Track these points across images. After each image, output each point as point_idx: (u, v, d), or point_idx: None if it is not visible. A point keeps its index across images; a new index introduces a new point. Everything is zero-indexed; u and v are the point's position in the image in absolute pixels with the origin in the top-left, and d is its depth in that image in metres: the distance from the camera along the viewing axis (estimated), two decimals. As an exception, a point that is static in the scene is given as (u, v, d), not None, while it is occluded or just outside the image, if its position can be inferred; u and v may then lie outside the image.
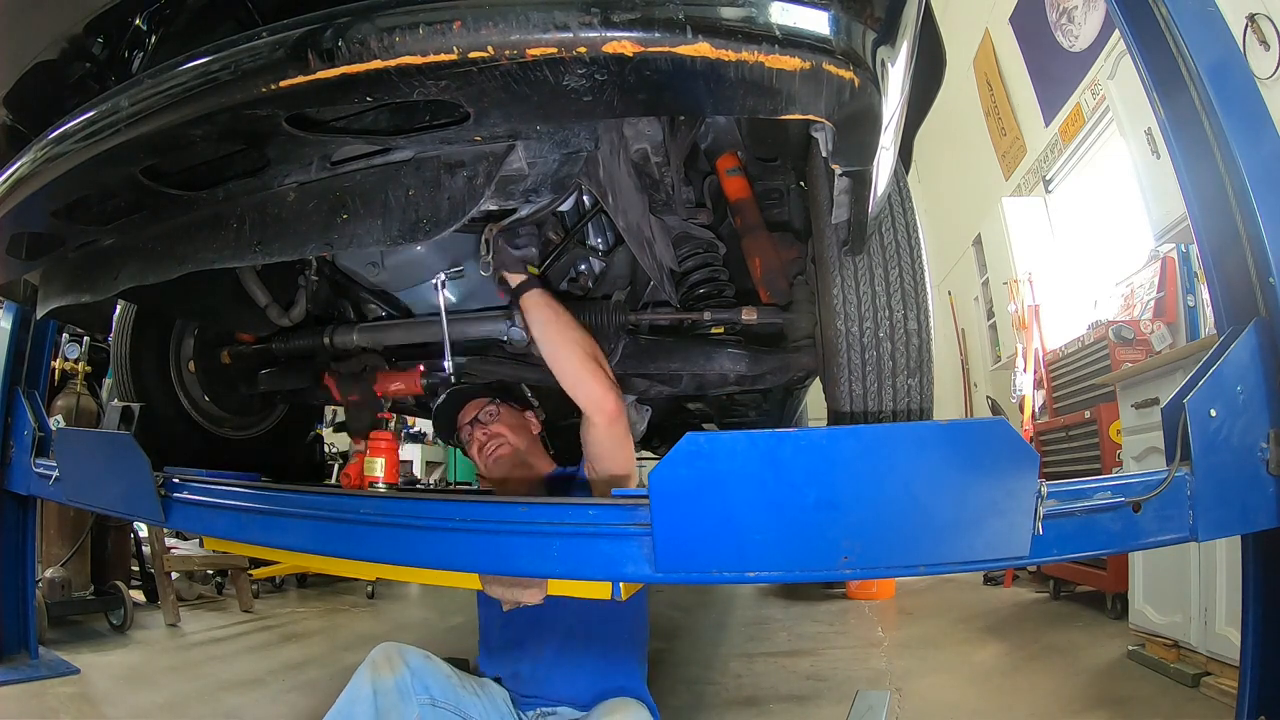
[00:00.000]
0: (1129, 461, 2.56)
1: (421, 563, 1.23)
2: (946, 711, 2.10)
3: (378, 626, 3.47)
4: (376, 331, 1.75)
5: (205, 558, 3.45)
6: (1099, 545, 1.07)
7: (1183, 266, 3.43)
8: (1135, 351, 3.30)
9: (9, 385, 2.21)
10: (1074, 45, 4.51)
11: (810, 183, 1.39)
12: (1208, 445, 1.10)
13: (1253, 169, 1.22)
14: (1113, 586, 2.97)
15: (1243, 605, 1.37)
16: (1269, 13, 2.59)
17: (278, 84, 0.80)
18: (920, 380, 1.23)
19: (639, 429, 2.45)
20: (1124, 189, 3.92)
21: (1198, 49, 1.30)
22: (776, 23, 0.72)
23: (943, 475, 0.99)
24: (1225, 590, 2.02)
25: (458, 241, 1.51)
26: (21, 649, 2.32)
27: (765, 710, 2.12)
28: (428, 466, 7.07)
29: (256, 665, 2.61)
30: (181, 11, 1.09)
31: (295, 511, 1.35)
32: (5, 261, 1.36)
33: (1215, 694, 1.99)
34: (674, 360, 1.65)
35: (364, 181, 1.08)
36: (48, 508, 2.75)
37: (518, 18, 0.71)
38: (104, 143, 0.95)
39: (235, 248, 1.13)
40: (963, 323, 6.87)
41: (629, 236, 1.31)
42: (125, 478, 1.59)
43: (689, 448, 1.00)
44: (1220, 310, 1.32)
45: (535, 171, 1.06)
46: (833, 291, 1.25)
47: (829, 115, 0.80)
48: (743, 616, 3.58)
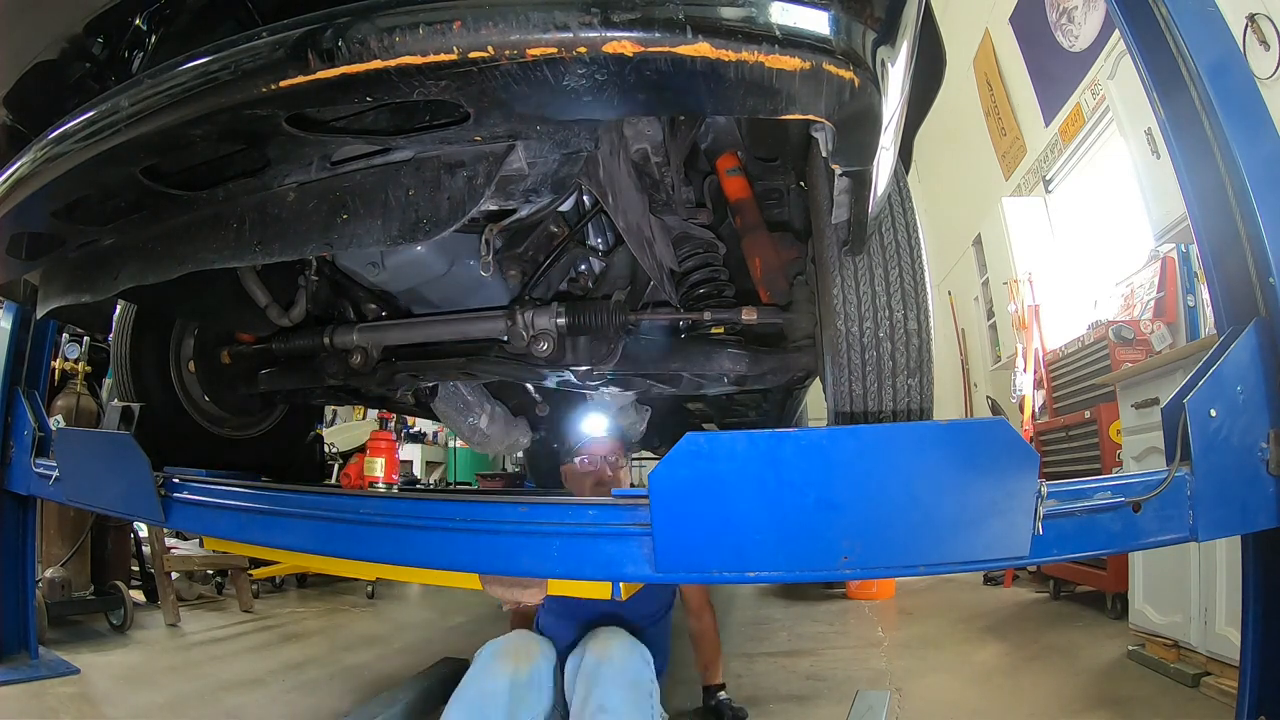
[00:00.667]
0: (1129, 461, 2.56)
1: (422, 563, 1.23)
2: (946, 711, 2.10)
3: (378, 626, 3.46)
4: (376, 331, 1.75)
5: (205, 558, 3.44)
6: (1099, 545, 1.07)
7: (1183, 266, 3.43)
8: (1135, 351, 3.30)
9: (9, 385, 2.22)
10: (1074, 45, 4.51)
11: (810, 183, 1.39)
12: (1208, 445, 1.10)
13: (1253, 169, 1.22)
14: (1113, 586, 2.97)
15: (1243, 605, 1.37)
16: (1269, 13, 2.59)
17: (278, 84, 0.80)
18: (920, 380, 1.23)
19: (639, 429, 2.45)
20: (1124, 189, 3.92)
21: (1198, 49, 1.30)
22: (776, 23, 0.72)
23: (943, 475, 0.99)
24: (1225, 590, 2.02)
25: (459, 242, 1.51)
26: (21, 649, 2.32)
27: (765, 710, 2.12)
28: (428, 466, 7.07)
29: (256, 665, 2.61)
30: (181, 11, 1.09)
31: (295, 511, 1.35)
32: (5, 261, 1.36)
33: (1215, 694, 1.99)
34: (674, 360, 1.65)
35: (364, 181, 1.08)
36: (48, 508, 2.75)
37: (518, 18, 0.71)
38: (104, 143, 0.96)
39: (235, 248, 1.12)
40: (963, 323, 6.86)
41: (629, 236, 1.31)
42: (125, 478, 1.60)
43: (689, 448, 1.00)
44: (1220, 310, 1.32)
45: (535, 171, 1.06)
46: (833, 291, 1.25)
47: (829, 115, 0.80)
48: (743, 616, 3.58)
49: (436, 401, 2.24)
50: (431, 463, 7.16)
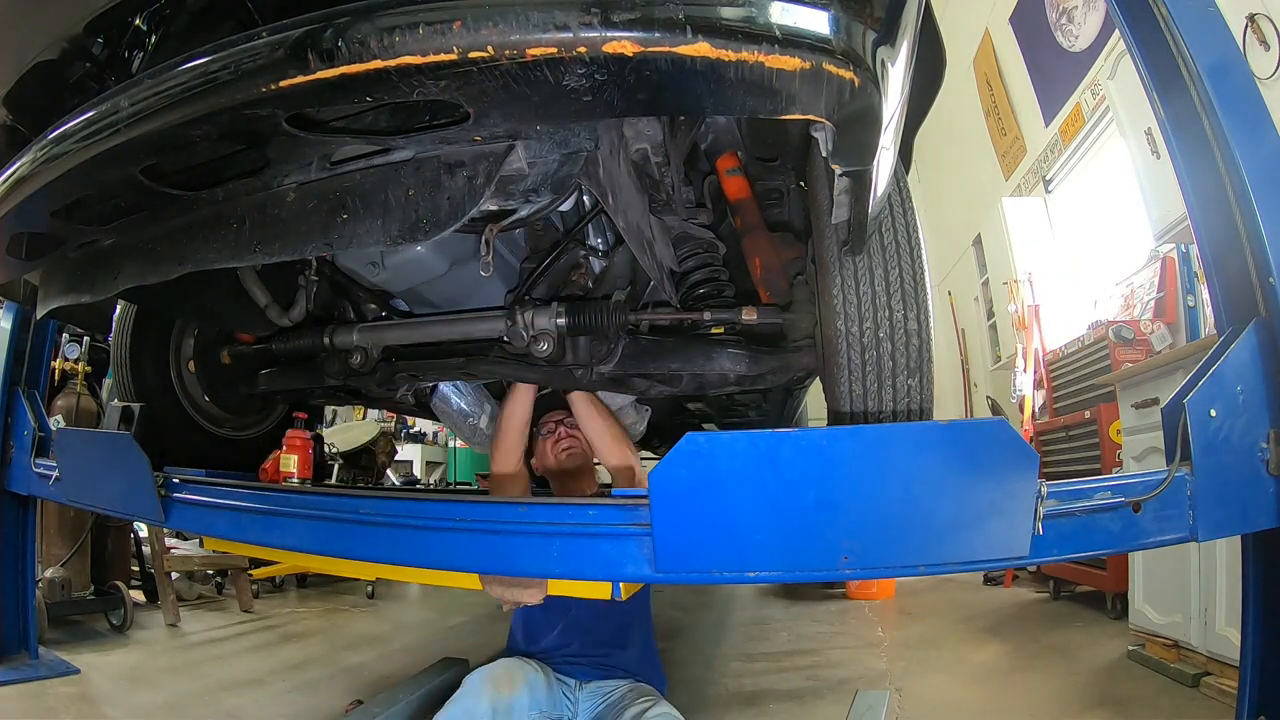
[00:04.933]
0: (1129, 461, 2.56)
1: (421, 563, 1.23)
2: (946, 711, 2.10)
3: (378, 626, 3.46)
4: (377, 331, 1.75)
5: (205, 558, 3.44)
6: (1099, 545, 1.07)
7: (1183, 266, 3.43)
8: (1135, 351, 3.30)
9: (9, 385, 2.22)
10: (1074, 45, 4.51)
11: (810, 183, 1.39)
12: (1208, 445, 1.10)
13: (1253, 169, 1.22)
14: (1113, 586, 2.97)
15: (1243, 605, 1.37)
16: (1269, 13, 2.59)
17: (277, 84, 0.80)
18: (920, 380, 1.23)
19: (639, 429, 2.45)
20: (1124, 189, 3.92)
21: (1198, 49, 1.30)
22: (776, 23, 0.72)
23: (943, 475, 0.99)
24: (1225, 590, 2.02)
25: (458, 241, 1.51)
26: (21, 649, 2.32)
27: (765, 710, 2.12)
28: (428, 466, 7.07)
29: (256, 665, 2.61)
30: (181, 11, 1.09)
31: (295, 511, 1.35)
32: (5, 261, 1.36)
33: (1215, 694, 1.99)
34: (674, 360, 1.65)
35: (364, 181, 1.08)
36: (48, 508, 2.75)
37: (518, 18, 0.71)
38: (104, 143, 0.95)
39: (235, 248, 1.12)
40: (963, 323, 6.87)
41: (629, 236, 1.31)
42: (125, 478, 1.60)
43: (689, 448, 1.00)
44: (1220, 310, 1.32)
45: (535, 171, 1.06)
46: (833, 291, 1.24)
47: (829, 115, 0.80)
48: (743, 616, 3.58)
49: (436, 401, 2.24)
50: (431, 463, 7.15)
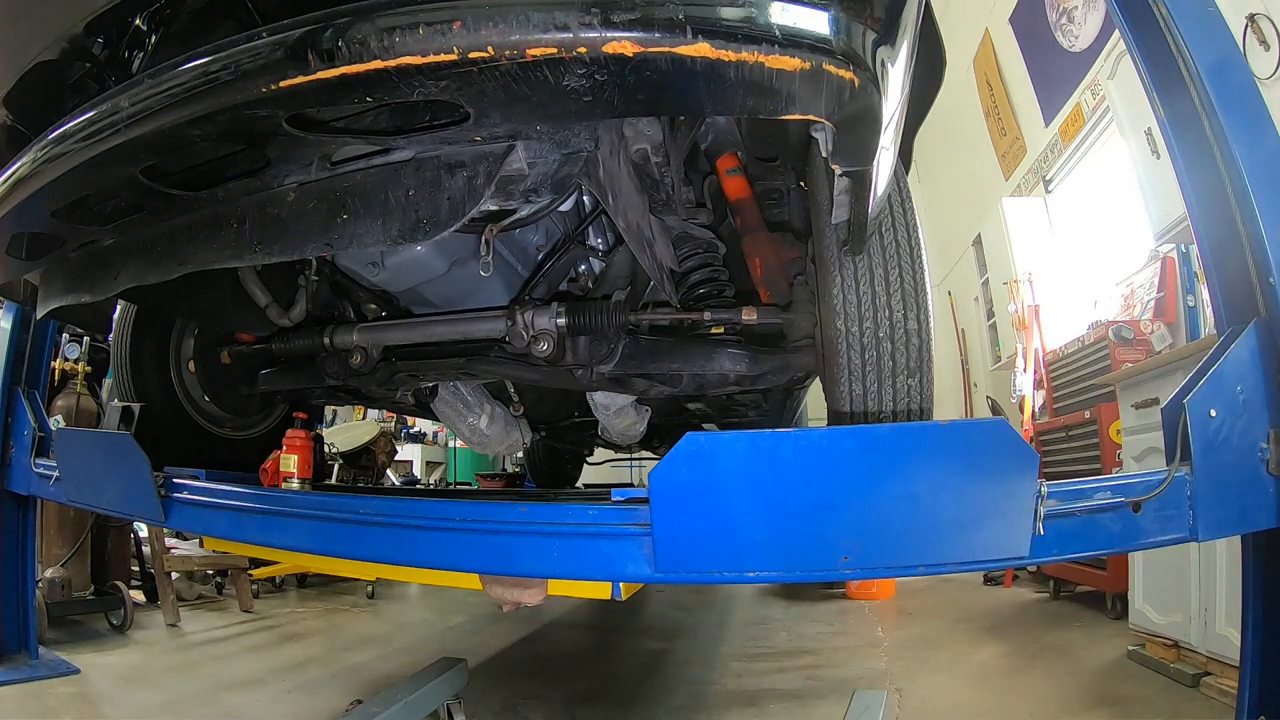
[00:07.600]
0: (1129, 461, 2.56)
1: (421, 563, 1.23)
2: (946, 711, 2.10)
3: (378, 626, 3.46)
4: (376, 331, 1.75)
5: (205, 558, 3.44)
6: (1099, 545, 1.07)
7: (1183, 266, 3.43)
8: (1135, 351, 3.30)
9: (9, 385, 2.21)
10: (1074, 45, 4.51)
11: (810, 183, 1.39)
12: (1208, 445, 1.10)
13: (1253, 169, 1.22)
14: (1113, 586, 2.97)
15: (1243, 605, 1.37)
16: (1269, 13, 2.59)
17: (278, 84, 0.80)
18: (920, 380, 1.23)
19: (639, 429, 2.45)
20: (1124, 189, 3.92)
21: (1198, 49, 1.30)
22: (776, 23, 0.72)
23: (942, 475, 0.99)
24: (1225, 590, 2.02)
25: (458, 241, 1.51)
26: (21, 649, 2.32)
27: (765, 710, 2.12)
28: (428, 466, 7.07)
29: (256, 665, 2.61)
30: (181, 11, 1.09)
31: (295, 511, 1.35)
32: (5, 261, 1.36)
33: (1215, 694, 1.99)
34: (674, 360, 1.65)
35: (364, 182, 1.08)
36: (48, 508, 2.75)
37: (518, 18, 0.71)
38: (104, 143, 0.96)
39: (235, 248, 1.13)
40: (963, 323, 6.87)
41: (629, 236, 1.31)
42: (125, 478, 1.60)
43: (689, 448, 1.00)
44: (1220, 310, 1.32)
45: (535, 171, 1.06)
46: (833, 291, 1.25)
47: (829, 115, 0.80)
48: (743, 616, 3.58)
49: (436, 401, 2.24)
50: (431, 463, 7.16)
